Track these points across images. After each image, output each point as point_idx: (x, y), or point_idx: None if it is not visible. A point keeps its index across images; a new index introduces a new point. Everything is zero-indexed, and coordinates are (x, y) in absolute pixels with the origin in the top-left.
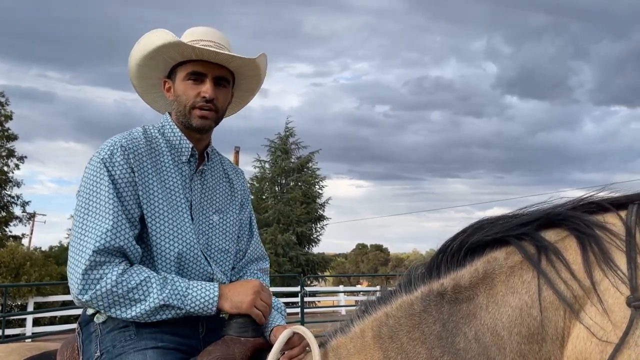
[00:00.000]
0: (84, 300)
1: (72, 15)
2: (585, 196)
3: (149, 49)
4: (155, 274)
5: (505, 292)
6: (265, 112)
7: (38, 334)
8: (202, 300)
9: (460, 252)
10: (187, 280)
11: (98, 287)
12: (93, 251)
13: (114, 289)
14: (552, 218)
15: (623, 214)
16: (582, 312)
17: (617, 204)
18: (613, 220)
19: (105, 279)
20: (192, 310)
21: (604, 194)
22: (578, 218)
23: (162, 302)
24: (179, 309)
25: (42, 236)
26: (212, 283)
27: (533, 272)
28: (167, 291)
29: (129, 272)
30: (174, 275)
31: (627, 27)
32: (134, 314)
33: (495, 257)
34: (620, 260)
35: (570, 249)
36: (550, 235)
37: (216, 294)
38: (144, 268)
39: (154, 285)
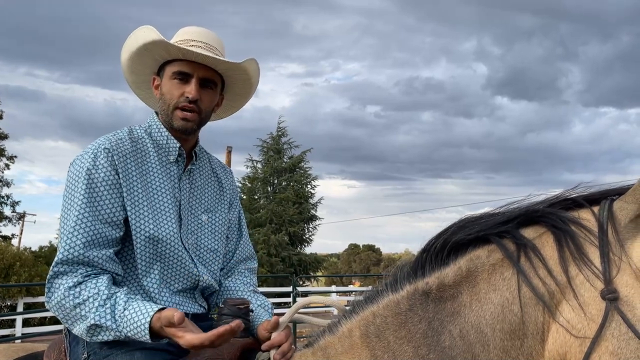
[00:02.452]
0: (48, 307)
1: (60, 13)
2: (562, 193)
3: (137, 45)
4: (106, 289)
5: (488, 290)
6: (256, 112)
7: (28, 334)
8: (135, 324)
9: (444, 251)
10: (132, 299)
11: (52, 297)
12: (56, 262)
13: (62, 302)
14: (531, 215)
15: (596, 209)
16: (559, 306)
17: (591, 200)
18: (586, 216)
19: (58, 291)
20: (128, 333)
21: (580, 191)
22: (555, 214)
23: (93, 322)
24: (115, 331)
25: (31, 236)
26: (153, 305)
27: (513, 269)
28: (103, 310)
29: (82, 285)
30: (123, 293)
31: (615, 29)
32: (78, 331)
33: (478, 255)
34: (594, 255)
35: (548, 245)
36: (529, 233)
37: (148, 319)
38: (102, 281)
39: (95, 304)
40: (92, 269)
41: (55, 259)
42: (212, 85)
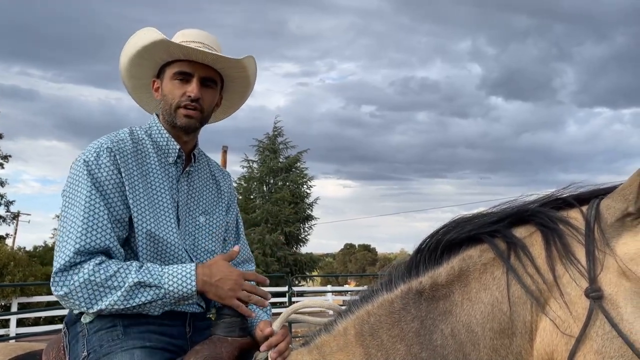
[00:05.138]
0: (61, 293)
1: (54, 12)
2: (553, 193)
3: (138, 47)
4: (136, 263)
5: (479, 289)
6: (251, 111)
7: (22, 334)
8: (179, 277)
9: (437, 251)
10: (164, 265)
11: (75, 278)
12: (73, 252)
13: (92, 277)
14: (522, 215)
15: (585, 208)
16: (547, 305)
17: (581, 199)
18: (575, 215)
19: (82, 270)
20: (170, 288)
21: (571, 190)
22: (544, 214)
23: (136, 280)
24: (156, 288)
25: (26, 236)
26: (188, 263)
27: (503, 268)
28: (141, 271)
29: (106, 262)
30: (151, 263)
31: (610, 29)
32: (111, 299)
33: (470, 255)
34: (580, 253)
35: (537, 244)
36: (520, 232)
37: (193, 267)
38: (130, 262)
39: (132, 269)
40: (108, 256)
41: (67, 251)
42: (213, 84)
